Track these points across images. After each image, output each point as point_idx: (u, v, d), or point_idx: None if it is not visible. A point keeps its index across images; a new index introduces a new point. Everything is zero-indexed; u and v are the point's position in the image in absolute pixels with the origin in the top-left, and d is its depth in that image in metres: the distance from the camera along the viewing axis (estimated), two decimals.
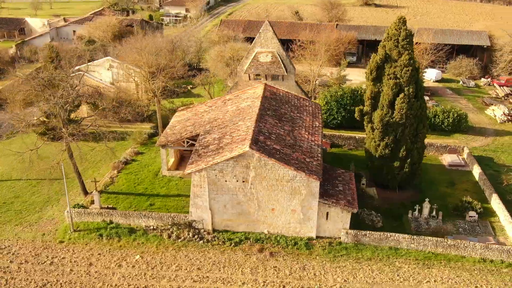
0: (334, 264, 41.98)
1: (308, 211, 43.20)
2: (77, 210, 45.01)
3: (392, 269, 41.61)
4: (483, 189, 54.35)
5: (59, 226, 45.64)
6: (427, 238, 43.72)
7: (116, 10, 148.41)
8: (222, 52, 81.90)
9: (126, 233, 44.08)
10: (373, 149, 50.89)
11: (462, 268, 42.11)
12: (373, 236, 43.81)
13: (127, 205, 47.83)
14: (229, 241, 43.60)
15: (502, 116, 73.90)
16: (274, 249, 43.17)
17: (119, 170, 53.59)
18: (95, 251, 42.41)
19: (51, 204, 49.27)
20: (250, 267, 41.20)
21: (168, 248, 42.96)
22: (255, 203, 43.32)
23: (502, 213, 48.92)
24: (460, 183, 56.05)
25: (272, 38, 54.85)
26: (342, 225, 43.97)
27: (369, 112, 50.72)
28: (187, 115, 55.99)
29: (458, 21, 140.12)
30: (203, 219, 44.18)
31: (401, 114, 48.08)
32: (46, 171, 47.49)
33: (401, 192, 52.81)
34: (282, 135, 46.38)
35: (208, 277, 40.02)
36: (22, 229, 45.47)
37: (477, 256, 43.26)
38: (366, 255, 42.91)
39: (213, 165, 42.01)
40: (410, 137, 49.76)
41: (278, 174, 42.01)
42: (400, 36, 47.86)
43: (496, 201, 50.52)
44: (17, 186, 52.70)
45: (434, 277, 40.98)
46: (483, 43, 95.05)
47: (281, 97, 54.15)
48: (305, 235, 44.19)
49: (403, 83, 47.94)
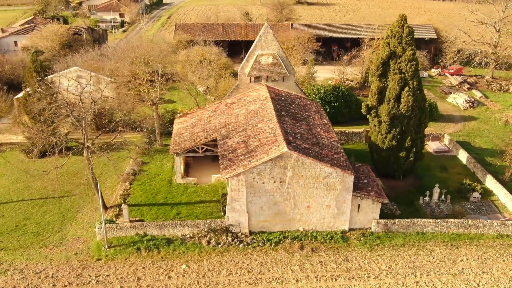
0: (373, 253, 43.92)
1: (342, 205, 44.83)
2: (109, 226, 43.80)
3: (426, 253, 44.21)
4: (473, 171, 58.57)
5: (89, 244, 44.17)
6: (449, 220, 46.81)
7: (46, 18, 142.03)
8: (190, 56, 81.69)
9: (164, 244, 43.54)
10: (380, 142, 53.36)
11: (485, 245, 45.55)
12: (401, 223, 46.23)
13: (153, 216, 47.09)
14: (269, 241, 44.32)
15: (464, 103, 79.48)
16: (314, 245, 44.42)
17: (130, 182, 52.41)
18: (138, 265, 41.57)
19: (69, 222, 47.46)
20: (297, 264, 42.19)
21: (211, 255, 42.94)
22: (292, 202, 44.33)
23: (500, 192, 53.17)
24: (451, 167, 60.04)
25: (272, 40, 55.86)
26: (372, 215, 46.02)
27: (375, 106, 53.14)
28: (190, 121, 55.75)
29: (389, 15, 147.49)
30: (240, 223, 44.55)
31: (408, 107, 50.88)
32: (75, 188, 45.57)
33: (404, 180, 55.73)
34: (304, 134, 47.67)
35: (260, 278, 40.56)
36: (49, 251, 43.54)
37: (494, 233, 46.90)
38: (399, 242, 45.24)
39: (251, 168, 42.53)
40: (414, 128, 52.75)
41: (314, 172, 43.28)
42: (403, 33, 50.61)
43: (492, 181, 54.77)
44: (23, 207, 50.16)
45: (465, 255, 44.05)
46: (430, 36, 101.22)
47: (286, 98, 55.37)
48: (338, 228, 45.82)
49: (408, 77, 50.78)
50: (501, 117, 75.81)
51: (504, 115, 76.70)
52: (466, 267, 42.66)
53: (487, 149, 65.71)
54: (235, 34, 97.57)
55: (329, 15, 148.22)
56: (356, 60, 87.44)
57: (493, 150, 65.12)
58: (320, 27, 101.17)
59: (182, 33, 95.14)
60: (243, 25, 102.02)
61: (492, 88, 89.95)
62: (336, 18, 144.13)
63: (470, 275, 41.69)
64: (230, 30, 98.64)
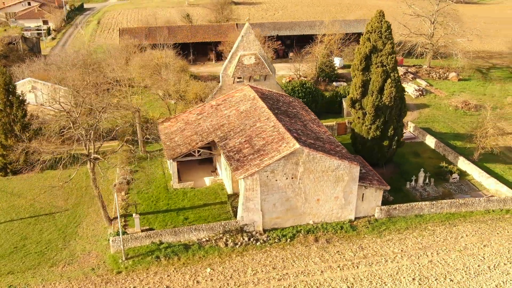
0: (382, 239, 46.10)
1: (349, 195, 46.62)
2: (123, 237, 42.77)
3: (429, 233, 47.05)
4: (443, 154, 62.64)
5: (103, 258, 42.89)
6: (443, 201, 50.07)
7: None
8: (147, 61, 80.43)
9: (183, 250, 43.19)
10: (364, 133, 55.74)
11: (477, 221, 49.19)
12: (401, 208, 48.83)
13: (162, 223, 46.45)
14: (283, 237, 45.21)
15: (414, 92, 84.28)
16: (326, 236, 45.88)
17: (126, 192, 51.20)
18: (162, 273, 40.98)
19: (73, 238, 45.72)
20: (316, 256, 43.43)
21: (231, 256, 43.17)
22: (303, 196, 45.50)
23: (475, 171, 57.40)
24: (422, 153, 63.80)
25: (254, 41, 56.55)
26: (375, 203, 48.24)
27: (359, 99, 55.42)
28: (178, 126, 55.29)
29: (316, 13, 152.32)
30: (254, 221, 45.09)
31: (391, 98, 53.61)
32: (65, 202, 44.07)
33: (386, 168, 58.58)
34: (303, 130, 48.97)
35: (287, 273, 41.40)
36: (62, 269, 41.82)
37: (482, 209, 50.71)
38: (402, 226, 47.77)
39: (265, 166, 43.19)
40: (395, 117, 55.63)
41: (324, 166, 44.70)
42: (382, 28, 53.21)
43: (465, 162, 58.92)
44: (15, 228, 47.59)
45: (463, 232, 47.38)
46: None
47: (271, 96, 56.37)
48: (346, 218, 47.59)
49: (389, 69, 53.51)
50: (450, 103, 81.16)
51: (451, 101, 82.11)
52: (468, 242, 45.88)
53: (447, 133, 70.27)
54: (182, 36, 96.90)
55: (260, 14, 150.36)
56: (307, 57, 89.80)
57: (452, 133, 69.85)
58: (265, 26, 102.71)
59: (128, 38, 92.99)
60: (189, 27, 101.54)
61: (432, 76, 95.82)
62: (267, 16, 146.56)
63: (473, 250, 44.92)
64: (176, 32, 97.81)
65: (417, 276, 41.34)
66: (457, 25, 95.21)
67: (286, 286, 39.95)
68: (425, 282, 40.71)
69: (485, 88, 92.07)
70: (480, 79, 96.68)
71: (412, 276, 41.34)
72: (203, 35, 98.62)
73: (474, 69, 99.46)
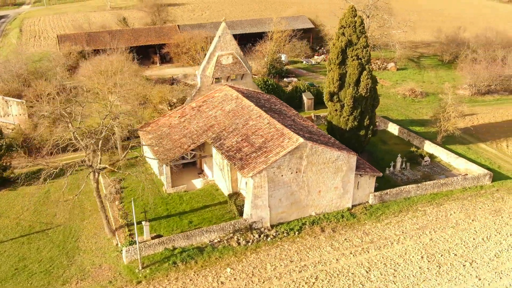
0: (382, 223, 48.41)
1: (347, 185, 48.48)
2: (137, 246, 41.91)
3: (422, 213, 50.01)
4: (408, 140, 66.42)
5: (117, 269, 41.74)
6: (426, 183, 53.24)
7: None
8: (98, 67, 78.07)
9: (197, 253, 43.01)
10: (343, 124, 57.88)
11: (459, 199, 52.92)
12: (392, 192, 51.46)
13: (168, 229, 45.87)
14: (291, 230, 46.23)
15: None
16: (331, 225, 47.46)
17: (120, 201, 49.92)
18: (183, 278, 40.59)
19: (76, 253, 43.98)
20: (327, 245, 44.89)
21: (246, 254, 43.57)
22: (306, 189, 46.75)
23: (442, 153, 61.48)
24: (388, 140, 67.23)
25: (230, 40, 56.84)
26: (369, 190, 50.50)
27: (337, 92, 57.46)
28: (162, 130, 54.51)
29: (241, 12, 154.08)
30: (262, 218, 45.73)
31: (367, 89, 56.10)
32: (52, 218, 42.61)
33: (362, 156, 61.11)
34: (295, 125, 50.19)
35: (305, 265, 42.51)
36: (77, 286, 40.26)
37: (459, 187, 54.50)
38: (396, 209, 50.40)
39: (273, 163, 43.97)
40: (370, 107, 58.28)
41: (325, 158, 46.21)
42: (356, 23, 55.53)
43: (432, 145, 62.88)
44: (8, 249, 44.83)
45: (451, 210, 50.81)
46: (307, 26, 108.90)
47: (252, 95, 57.08)
48: (344, 207, 49.45)
49: (364, 62, 55.95)
50: (397, 91, 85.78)
51: (398, 89, 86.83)
52: (457, 219, 49.28)
53: (403, 120, 74.39)
54: (125, 40, 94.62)
55: (187, 15, 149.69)
56: (255, 54, 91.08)
57: (408, 120, 74.15)
58: (206, 26, 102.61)
59: (69, 45, 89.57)
60: (130, 31, 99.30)
61: (373, 67, 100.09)
62: (195, 17, 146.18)
63: (464, 225, 48.36)
64: (118, 37, 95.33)
65: (424, 254, 43.94)
66: (392, 17, 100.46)
67: (308, 277, 41.01)
68: (433, 258, 43.37)
69: (422, 76, 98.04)
70: (415, 68, 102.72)
71: (419, 254, 43.87)
72: (146, 38, 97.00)
73: (407, 59, 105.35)
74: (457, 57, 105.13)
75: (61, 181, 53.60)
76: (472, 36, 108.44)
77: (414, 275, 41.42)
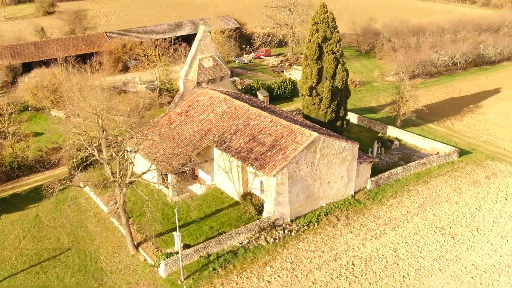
0: (385, 206, 51.46)
1: (350, 173, 50.87)
2: (174, 258, 41.06)
3: (415, 193, 53.82)
4: (369, 126, 70.52)
5: (157, 284, 40.54)
6: (409, 164, 57.21)
7: None
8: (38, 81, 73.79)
9: (232, 256, 43.00)
10: (322, 117, 60.22)
11: (440, 175, 57.53)
12: (384, 176, 54.76)
13: (192, 237, 45.16)
14: (310, 223, 47.66)
15: None
16: (343, 213, 49.57)
17: (127, 215, 48.02)
18: (229, 283, 40.36)
19: (104, 275, 41.94)
20: (348, 232, 46.96)
21: (277, 251, 44.30)
22: (318, 182, 48.42)
23: (406, 136, 66.20)
24: (350, 128, 70.61)
25: (210, 43, 56.56)
26: (366, 176, 53.29)
27: (315, 86, 59.59)
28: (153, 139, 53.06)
29: (150, 14, 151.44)
30: (283, 214, 46.65)
31: (342, 81, 58.96)
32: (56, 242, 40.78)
33: None
34: (295, 121, 51.57)
35: (337, 253, 44.22)
36: None
37: (435, 165, 59.22)
38: (392, 192, 53.75)
39: (292, 159, 45.09)
40: (344, 99, 61.26)
41: (334, 149, 48.19)
42: (329, 19, 58.03)
43: (394, 129, 67.40)
44: (23, 281, 41.71)
45: (438, 187, 55.21)
46: (234, 25, 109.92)
47: (236, 95, 57.44)
48: (348, 194, 51.79)
49: (338, 56, 58.70)
50: None
51: None
52: (447, 194, 53.73)
53: (354, 109, 78.41)
54: (53, 51, 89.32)
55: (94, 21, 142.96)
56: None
57: (359, 108, 78.39)
58: (135, 31, 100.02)
59: None
60: (56, 41, 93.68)
61: (300, 62, 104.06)
62: (102, 23, 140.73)
63: (455, 199, 52.88)
64: (44, 48, 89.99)
65: (436, 228, 47.56)
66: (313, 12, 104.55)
67: (345, 264, 42.76)
68: (444, 231, 47.13)
69: (349, 66, 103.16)
70: None
71: (431, 229, 47.43)
72: (75, 47, 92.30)
73: None
74: (375, 46, 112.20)
75: (47, 204, 51.10)
76: (382, 26, 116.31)
77: (436, 248, 44.76)
